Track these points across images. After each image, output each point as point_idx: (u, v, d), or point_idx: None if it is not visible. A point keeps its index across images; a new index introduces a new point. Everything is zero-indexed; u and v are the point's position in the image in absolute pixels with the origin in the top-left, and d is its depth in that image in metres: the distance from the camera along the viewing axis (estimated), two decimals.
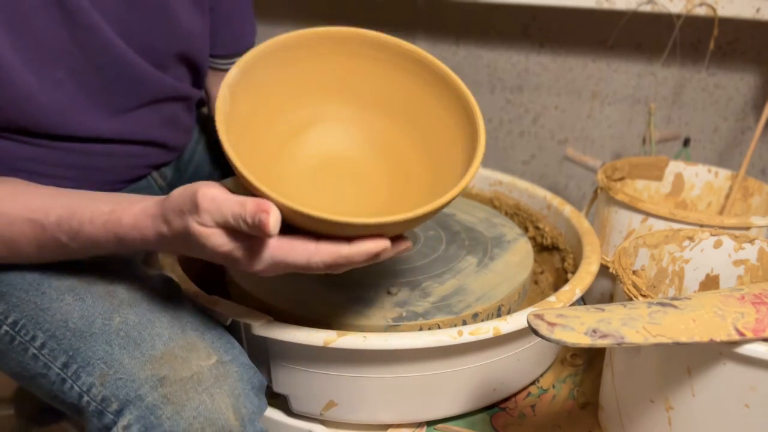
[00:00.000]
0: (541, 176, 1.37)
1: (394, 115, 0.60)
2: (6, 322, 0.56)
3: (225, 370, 0.51)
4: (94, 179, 0.69)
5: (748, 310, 0.49)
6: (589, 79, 1.26)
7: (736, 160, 1.19)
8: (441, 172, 0.56)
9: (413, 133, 0.60)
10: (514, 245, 0.74)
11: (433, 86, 0.58)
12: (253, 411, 0.51)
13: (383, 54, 0.59)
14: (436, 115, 0.58)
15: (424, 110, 0.59)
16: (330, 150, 0.61)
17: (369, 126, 0.61)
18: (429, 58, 0.57)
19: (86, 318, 0.53)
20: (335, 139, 0.62)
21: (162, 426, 0.47)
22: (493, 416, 0.63)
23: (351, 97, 0.61)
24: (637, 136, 1.26)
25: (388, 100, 0.60)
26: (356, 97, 0.61)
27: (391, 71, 0.59)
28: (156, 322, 0.52)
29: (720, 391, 0.49)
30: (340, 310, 0.61)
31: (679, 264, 0.66)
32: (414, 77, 0.59)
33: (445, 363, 0.57)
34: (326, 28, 0.58)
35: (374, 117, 0.61)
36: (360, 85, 0.60)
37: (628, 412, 0.56)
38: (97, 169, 0.69)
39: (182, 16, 0.67)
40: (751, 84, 1.14)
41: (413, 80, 0.59)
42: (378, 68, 0.59)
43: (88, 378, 0.50)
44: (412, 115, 0.60)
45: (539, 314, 0.45)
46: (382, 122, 0.61)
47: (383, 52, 0.59)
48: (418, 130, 0.60)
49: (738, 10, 0.98)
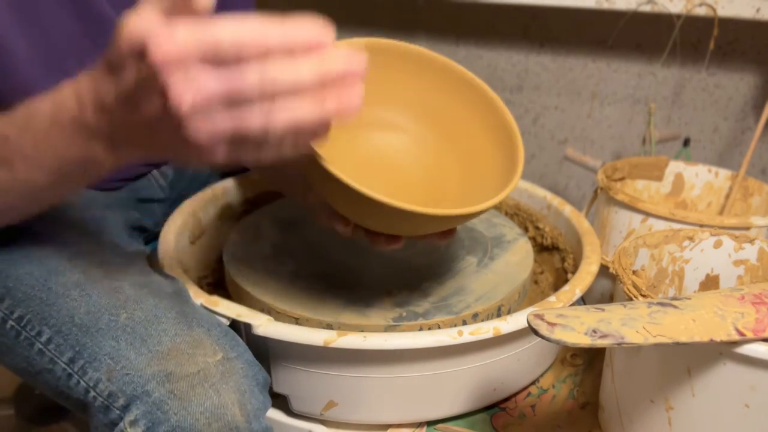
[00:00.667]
0: (541, 176, 1.37)
1: (439, 129, 0.65)
2: (12, 317, 0.56)
3: (231, 366, 0.51)
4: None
5: (748, 310, 0.49)
6: (589, 79, 1.26)
7: (736, 160, 1.19)
8: (473, 188, 0.58)
9: (455, 149, 0.64)
10: (514, 245, 0.74)
11: (475, 105, 0.62)
12: (258, 407, 0.51)
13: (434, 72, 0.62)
14: (476, 134, 0.62)
15: (467, 129, 0.63)
16: (376, 151, 0.64)
17: (414, 135, 0.65)
18: (477, 81, 0.62)
19: (93, 314, 0.53)
20: (382, 143, 0.65)
21: (169, 421, 0.47)
22: (493, 416, 0.63)
23: (401, 107, 0.64)
24: (637, 136, 1.26)
25: (436, 114, 0.65)
26: (406, 107, 0.64)
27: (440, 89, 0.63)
28: (162, 319, 0.52)
29: (720, 391, 0.49)
30: (340, 310, 0.61)
31: (679, 264, 0.66)
32: (459, 96, 0.62)
33: (445, 363, 0.57)
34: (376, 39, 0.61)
35: (420, 127, 0.65)
36: (410, 97, 0.65)
37: (628, 412, 0.56)
38: None
39: None
40: (751, 84, 1.14)
41: (458, 99, 0.63)
42: (427, 84, 0.63)
43: (94, 373, 0.51)
44: (455, 132, 0.65)
45: (539, 314, 0.45)
46: (427, 133, 0.65)
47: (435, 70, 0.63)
48: (460, 147, 0.63)
49: (738, 10, 0.98)
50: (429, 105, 0.64)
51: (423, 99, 0.64)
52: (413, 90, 0.63)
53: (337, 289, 0.64)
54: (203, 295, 0.58)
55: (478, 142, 0.62)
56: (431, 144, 0.65)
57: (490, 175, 0.59)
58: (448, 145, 0.64)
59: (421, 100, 0.64)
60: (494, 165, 0.60)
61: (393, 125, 0.65)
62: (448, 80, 0.62)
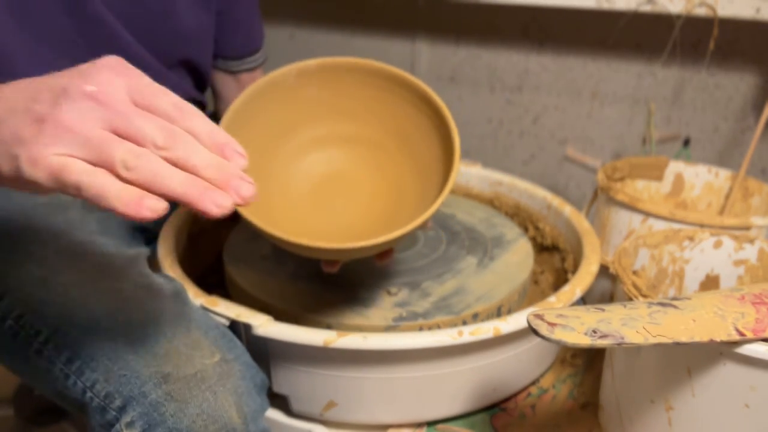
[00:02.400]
0: (541, 176, 1.37)
1: (389, 137, 0.66)
2: (10, 316, 0.56)
3: (228, 368, 0.51)
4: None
5: (748, 310, 0.49)
6: (589, 79, 1.26)
7: (736, 160, 1.19)
8: (430, 190, 0.59)
9: (406, 153, 0.65)
10: (514, 245, 0.74)
11: (419, 108, 0.63)
12: (255, 409, 0.51)
13: (379, 81, 0.64)
14: (425, 134, 0.63)
15: (414, 131, 0.63)
16: (329, 169, 0.66)
17: (365, 145, 0.65)
18: (417, 82, 0.62)
19: (91, 314, 0.53)
20: (334, 159, 0.67)
21: (165, 423, 0.47)
22: (493, 416, 0.63)
23: (348, 119, 0.65)
24: (637, 136, 1.26)
25: (383, 122, 0.65)
26: (353, 119, 0.66)
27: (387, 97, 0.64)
28: (160, 320, 0.52)
29: (720, 391, 0.49)
30: (340, 310, 0.61)
31: (679, 264, 0.66)
32: (403, 100, 0.63)
33: (445, 363, 0.57)
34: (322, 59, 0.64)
35: (370, 137, 0.65)
36: (356, 108, 0.65)
37: (628, 413, 0.56)
38: None
39: (186, 14, 0.68)
40: (751, 84, 1.14)
41: (403, 104, 0.63)
42: (372, 92, 0.65)
43: (92, 374, 0.51)
44: (404, 137, 0.64)
45: (539, 314, 0.45)
46: (377, 142, 0.65)
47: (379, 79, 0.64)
48: (410, 149, 0.64)
49: (738, 10, 0.98)
50: (384, 115, 0.65)
51: (376, 109, 0.65)
52: (366, 101, 0.65)
53: (337, 289, 0.64)
54: (203, 296, 0.58)
55: (431, 152, 0.63)
56: (389, 154, 0.66)
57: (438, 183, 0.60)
58: (406, 155, 0.65)
59: (375, 111, 0.65)
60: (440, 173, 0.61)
61: (351, 138, 0.67)
62: (398, 90, 0.64)
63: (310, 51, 1.51)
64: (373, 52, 1.44)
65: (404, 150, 0.65)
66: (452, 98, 1.38)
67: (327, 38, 1.48)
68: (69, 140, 0.35)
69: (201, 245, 0.77)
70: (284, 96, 0.63)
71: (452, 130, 0.59)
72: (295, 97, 0.64)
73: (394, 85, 0.63)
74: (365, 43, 1.44)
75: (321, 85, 0.64)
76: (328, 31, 1.47)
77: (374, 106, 0.64)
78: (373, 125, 0.65)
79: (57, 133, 0.35)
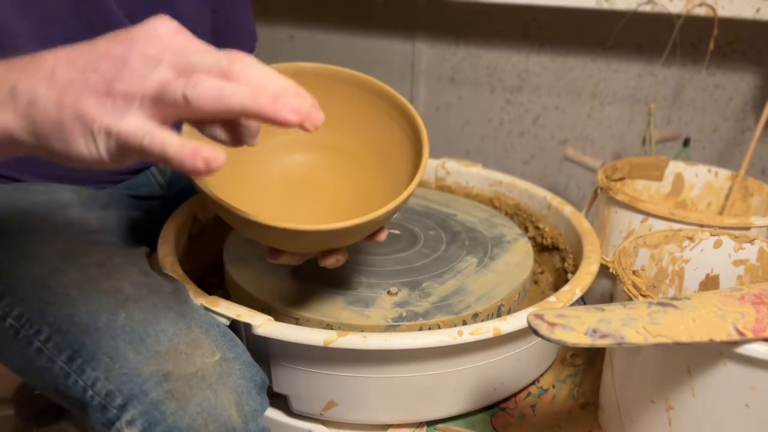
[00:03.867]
0: (541, 176, 1.37)
1: (357, 139, 0.66)
2: (11, 315, 0.56)
3: (228, 367, 0.51)
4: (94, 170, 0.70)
5: (748, 310, 0.49)
6: (589, 79, 1.26)
7: (736, 160, 1.19)
8: (397, 189, 0.59)
9: (375, 155, 0.65)
10: (514, 245, 0.74)
11: (387, 111, 0.63)
12: (255, 408, 0.51)
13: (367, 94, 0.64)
14: (393, 137, 0.63)
15: (383, 133, 0.64)
16: (298, 171, 0.66)
17: (334, 148, 0.67)
18: (382, 86, 0.63)
19: (92, 313, 0.53)
20: (303, 162, 0.67)
21: (166, 421, 0.47)
22: (493, 416, 0.63)
23: (332, 129, 0.68)
24: (637, 136, 1.26)
25: (352, 125, 0.66)
26: (336, 129, 0.65)
27: (353, 100, 0.64)
28: (161, 318, 0.52)
29: (720, 391, 0.49)
30: (340, 310, 0.61)
31: (679, 264, 0.66)
32: (371, 104, 0.64)
33: (445, 363, 0.57)
34: (321, 65, 0.63)
35: (338, 140, 0.66)
36: (336, 115, 0.65)
37: (628, 412, 0.56)
38: None
39: (185, 6, 0.69)
40: (751, 84, 1.14)
41: (371, 107, 0.64)
42: (358, 105, 0.65)
43: (92, 372, 0.51)
44: (384, 153, 0.65)
45: (539, 314, 0.45)
46: (346, 145, 0.66)
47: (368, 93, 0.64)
48: (379, 151, 0.65)
49: (738, 10, 0.98)
50: (353, 121, 0.65)
51: (347, 115, 0.65)
52: (338, 108, 0.65)
53: (337, 289, 0.64)
54: (203, 295, 0.58)
55: (400, 155, 0.63)
56: (359, 159, 0.67)
57: (407, 167, 0.61)
58: (383, 170, 0.66)
59: (346, 117, 0.65)
60: (408, 157, 0.61)
61: (321, 144, 0.67)
62: (367, 95, 0.64)
63: (310, 51, 1.51)
64: (373, 52, 1.44)
65: (382, 166, 0.65)
66: (452, 98, 1.38)
67: (327, 38, 1.48)
68: (137, 107, 0.36)
69: (201, 245, 0.77)
70: None
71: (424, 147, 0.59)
72: None
73: (379, 99, 0.63)
74: (365, 43, 1.44)
75: (314, 90, 0.65)
76: (328, 31, 1.47)
77: (361, 119, 0.65)
78: (356, 139, 0.66)
79: (125, 103, 0.36)
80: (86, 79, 0.36)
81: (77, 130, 0.36)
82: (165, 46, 0.37)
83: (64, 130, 0.36)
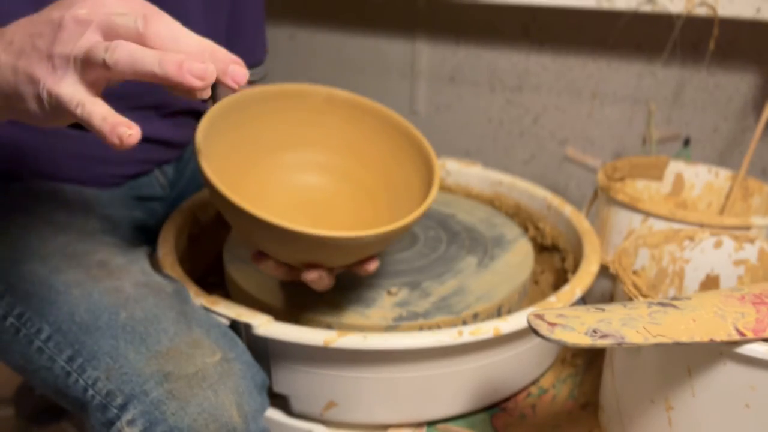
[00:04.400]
0: (541, 176, 1.37)
1: (375, 174, 0.65)
2: (12, 313, 0.56)
3: (229, 367, 0.51)
4: (98, 170, 0.70)
5: (748, 310, 0.49)
6: (589, 79, 1.26)
7: (736, 160, 1.19)
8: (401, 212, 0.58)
9: (388, 193, 0.65)
10: (514, 245, 0.74)
11: (390, 135, 0.63)
12: (255, 408, 0.51)
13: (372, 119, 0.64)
14: (398, 165, 0.63)
15: (398, 172, 0.64)
16: (307, 191, 0.66)
17: (350, 177, 0.66)
18: (404, 123, 0.63)
19: (93, 312, 0.53)
20: (314, 184, 0.67)
21: (166, 421, 0.47)
22: (493, 416, 0.63)
23: (326, 147, 0.66)
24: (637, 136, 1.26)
25: (373, 159, 0.65)
26: (326, 145, 0.66)
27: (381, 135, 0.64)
28: (162, 318, 0.52)
29: (720, 391, 0.49)
30: (340, 310, 0.61)
31: (679, 264, 0.66)
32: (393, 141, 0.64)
33: (445, 363, 0.57)
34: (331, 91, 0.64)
35: (356, 170, 0.67)
36: (331, 136, 0.65)
37: (628, 412, 0.56)
38: (102, 160, 0.70)
39: (197, 19, 0.69)
40: (751, 84, 1.14)
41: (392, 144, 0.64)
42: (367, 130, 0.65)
43: (93, 372, 0.51)
44: (389, 176, 0.65)
45: (539, 314, 0.45)
46: (362, 176, 0.66)
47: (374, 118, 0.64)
48: (392, 189, 0.64)
49: (738, 10, 0.97)
50: (375, 155, 0.65)
51: (370, 149, 0.65)
52: (366, 140, 0.64)
53: (337, 289, 0.64)
54: (203, 295, 0.58)
55: (402, 173, 0.63)
56: (362, 181, 0.66)
57: (413, 205, 0.59)
58: (379, 181, 0.65)
59: (370, 150, 0.65)
60: (416, 194, 0.60)
61: (320, 166, 0.67)
62: (391, 131, 0.64)
63: (310, 51, 1.51)
64: (373, 52, 1.44)
65: (392, 205, 0.64)
66: (452, 98, 1.38)
67: (327, 38, 1.48)
68: (72, 69, 0.38)
69: (201, 245, 0.77)
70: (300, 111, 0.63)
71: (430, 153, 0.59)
72: (309, 118, 0.64)
73: (400, 136, 0.63)
74: (365, 42, 1.44)
75: (346, 121, 0.65)
76: (328, 31, 1.47)
77: (383, 155, 0.64)
78: (374, 174, 0.65)
79: (62, 64, 0.38)
80: (34, 44, 0.39)
81: (29, 92, 0.39)
82: (94, 6, 0.39)
83: (19, 92, 0.39)
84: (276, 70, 0.92)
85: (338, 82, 1.52)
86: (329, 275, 0.54)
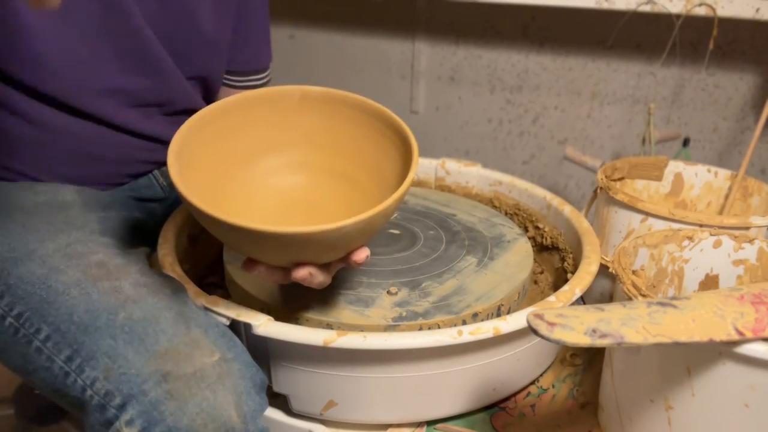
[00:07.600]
0: (541, 176, 1.37)
1: (358, 162, 0.64)
2: (11, 314, 0.56)
3: (228, 367, 0.51)
4: (98, 170, 0.70)
5: (747, 310, 0.49)
6: (589, 79, 1.26)
7: (736, 160, 1.19)
8: None
9: (371, 177, 0.63)
10: (514, 245, 0.74)
11: (384, 133, 0.62)
12: (254, 409, 0.51)
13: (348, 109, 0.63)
14: (389, 157, 0.62)
15: (379, 155, 0.62)
16: (293, 193, 0.66)
17: (333, 171, 0.65)
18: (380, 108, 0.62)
19: (91, 312, 0.53)
20: (299, 183, 0.66)
21: (165, 422, 0.47)
22: (493, 416, 0.63)
23: (303, 144, 0.65)
24: (637, 136, 1.26)
25: (353, 148, 0.64)
26: (307, 143, 0.65)
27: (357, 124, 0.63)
28: (160, 318, 0.52)
29: (720, 390, 0.49)
30: (340, 310, 0.61)
31: (678, 264, 0.66)
32: (371, 128, 0.63)
33: (445, 363, 0.57)
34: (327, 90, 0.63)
35: (338, 162, 0.65)
36: (309, 132, 0.64)
37: (627, 412, 0.56)
38: (102, 160, 0.70)
39: (206, 19, 0.70)
40: (750, 84, 1.14)
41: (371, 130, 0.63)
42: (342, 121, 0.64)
43: (92, 372, 0.51)
44: (370, 161, 0.64)
45: (539, 314, 0.45)
46: (345, 167, 0.66)
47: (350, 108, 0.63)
48: (375, 173, 0.63)
49: (738, 10, 0.98)
50: (355, 144, 0.64)
51: (348, 139, 0.64)
52: (342, 131, 0.64)
53: (337, 289, 0.64)
54: (203, 295, 0.58)
55: (386, 159, 0.62)
56: (349, 175, 0.65)
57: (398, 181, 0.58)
58: (365, 171, 0.65)
59: (348, 140, 0.64)
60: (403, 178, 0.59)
61: (304, 165, 0.66)
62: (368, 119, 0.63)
63: (310, 51, 1.51)
64: (373, 51, 1.44)
65: (378, 188, 0.63)
66: (452, 98, 1.38)
67: (327, 38, 1.48)
68: None
69: (201, 245, 0.77)
70: (277, 113, 0.63)
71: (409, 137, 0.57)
72: (287, 118, 0.64)
73: (378, 122, 0.62)
74: (365, 42, 1.44)
75: (320, 114, 0.64)
76: (328, 31, 1.47)
77: (362, 142, 0.64)
78: (357, 162, 0.64)
79: None
80: None
81: None
82: None
83: None
84: (276, 70, 0.92)
85: (338, 82, 1.53)
86: (321, 272, 0.53)
